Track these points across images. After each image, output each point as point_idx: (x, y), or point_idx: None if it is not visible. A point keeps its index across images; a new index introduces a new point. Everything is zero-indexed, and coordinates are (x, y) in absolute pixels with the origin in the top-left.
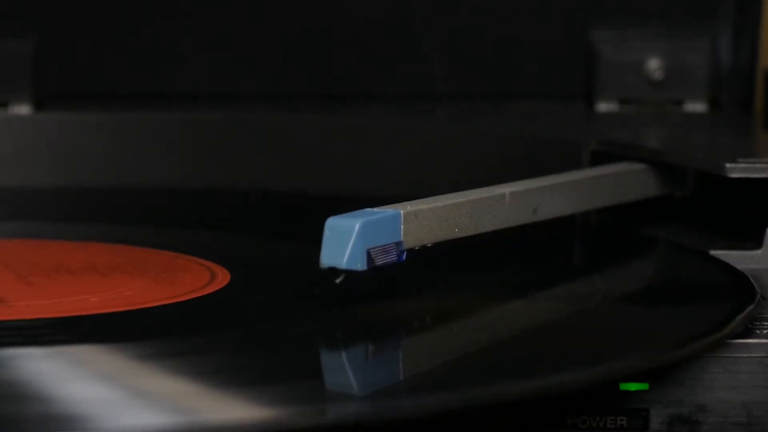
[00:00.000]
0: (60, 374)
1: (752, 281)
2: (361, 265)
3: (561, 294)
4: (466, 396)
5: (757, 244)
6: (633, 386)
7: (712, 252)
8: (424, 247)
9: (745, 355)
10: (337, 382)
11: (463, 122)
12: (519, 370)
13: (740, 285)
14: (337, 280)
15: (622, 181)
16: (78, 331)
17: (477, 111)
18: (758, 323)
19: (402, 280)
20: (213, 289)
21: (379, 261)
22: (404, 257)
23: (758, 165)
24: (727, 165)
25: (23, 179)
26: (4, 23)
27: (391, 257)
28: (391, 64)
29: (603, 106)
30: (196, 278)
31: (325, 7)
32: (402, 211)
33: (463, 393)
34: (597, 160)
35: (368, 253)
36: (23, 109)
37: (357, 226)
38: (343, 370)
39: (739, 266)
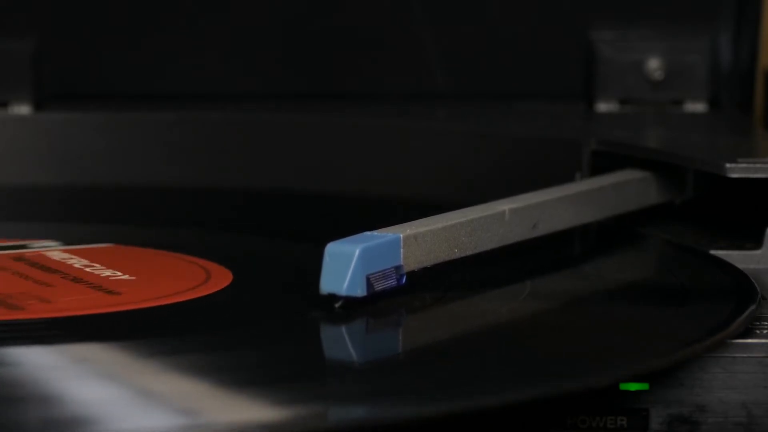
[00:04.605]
0: (59, 374)
1: (753, 281)
2: (360, 292)
3: (561, 294)
4: (467, 397)
5: (757, 244)
6: (633, 386)
7: (712, 252)
8: (424, 269)
9: (745, 355)
10: (338, 383)
11: (463, 122)
12: (519, 370)
13: (741, 285)
14: (337, 305)
15: (621, 192)
16: (78, 330)
17: (477, 111)
18: (758, 323)
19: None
20: (213, 289)
21: (379, 286)
22: (404, 281)
23: (758, 165)
24: (727, 165)
25: (23, 179)
26: (4, 23)
27: (391, 282)
28: (391, 64)
29: (603, 106)
30: (196, 278)
31: (325, 8)
32: (402, 235)
33: (463, 394)
34: (597, 160)
35: (368, 279)
36: (23, 109)
37: (356, 252)
38: (345, 371)
39: (740, 266)
